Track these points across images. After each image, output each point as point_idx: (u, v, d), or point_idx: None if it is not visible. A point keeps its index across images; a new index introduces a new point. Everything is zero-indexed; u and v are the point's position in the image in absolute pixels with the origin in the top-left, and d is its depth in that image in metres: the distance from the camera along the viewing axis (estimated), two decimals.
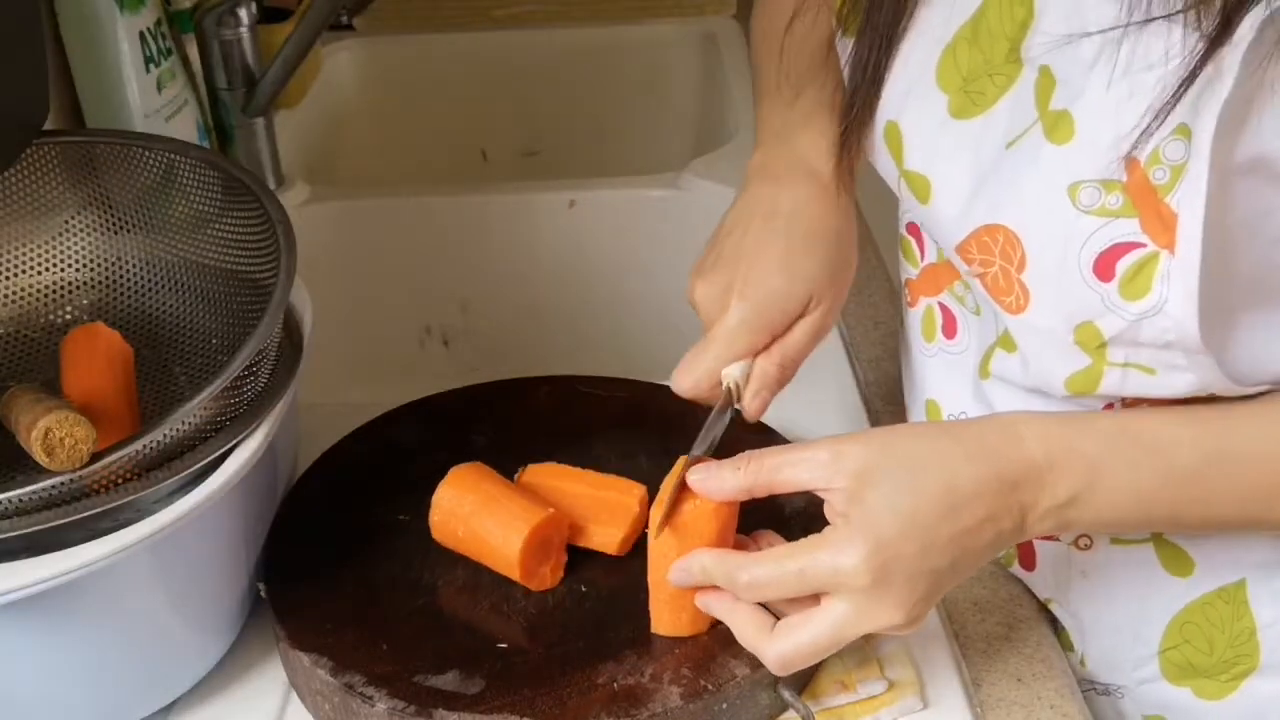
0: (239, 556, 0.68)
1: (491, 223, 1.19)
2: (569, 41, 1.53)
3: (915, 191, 0.66)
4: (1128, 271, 0.56)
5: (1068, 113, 0.57)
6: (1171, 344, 0.56)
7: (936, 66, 0.63)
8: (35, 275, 0.76)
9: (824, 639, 0.57)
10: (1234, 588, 0.68)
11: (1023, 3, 0.59)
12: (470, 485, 0.69)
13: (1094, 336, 0.58)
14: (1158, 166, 0.54)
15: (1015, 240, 0.59)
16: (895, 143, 0.66)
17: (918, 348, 0.75)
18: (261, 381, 0.65)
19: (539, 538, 0.67)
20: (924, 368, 0.75)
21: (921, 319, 0.74)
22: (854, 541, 0.56)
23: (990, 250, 0.61)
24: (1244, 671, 0.70)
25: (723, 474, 0.60)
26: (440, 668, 0.63)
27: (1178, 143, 0.53)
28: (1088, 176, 0.56)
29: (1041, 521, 0.59)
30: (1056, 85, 0.58)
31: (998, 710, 0.66)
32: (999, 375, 0.67)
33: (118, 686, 0.63)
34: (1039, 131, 0.58)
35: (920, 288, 0.74)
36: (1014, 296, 0.61)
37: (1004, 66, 0.60)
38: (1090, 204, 0.56)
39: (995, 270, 0.61)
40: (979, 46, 0.61)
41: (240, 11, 1.05)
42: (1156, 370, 0.58)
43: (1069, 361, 0.60)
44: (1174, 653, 0.71)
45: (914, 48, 0.65)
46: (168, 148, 0.76)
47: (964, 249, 0.63)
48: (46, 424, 0.56)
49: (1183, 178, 0.53)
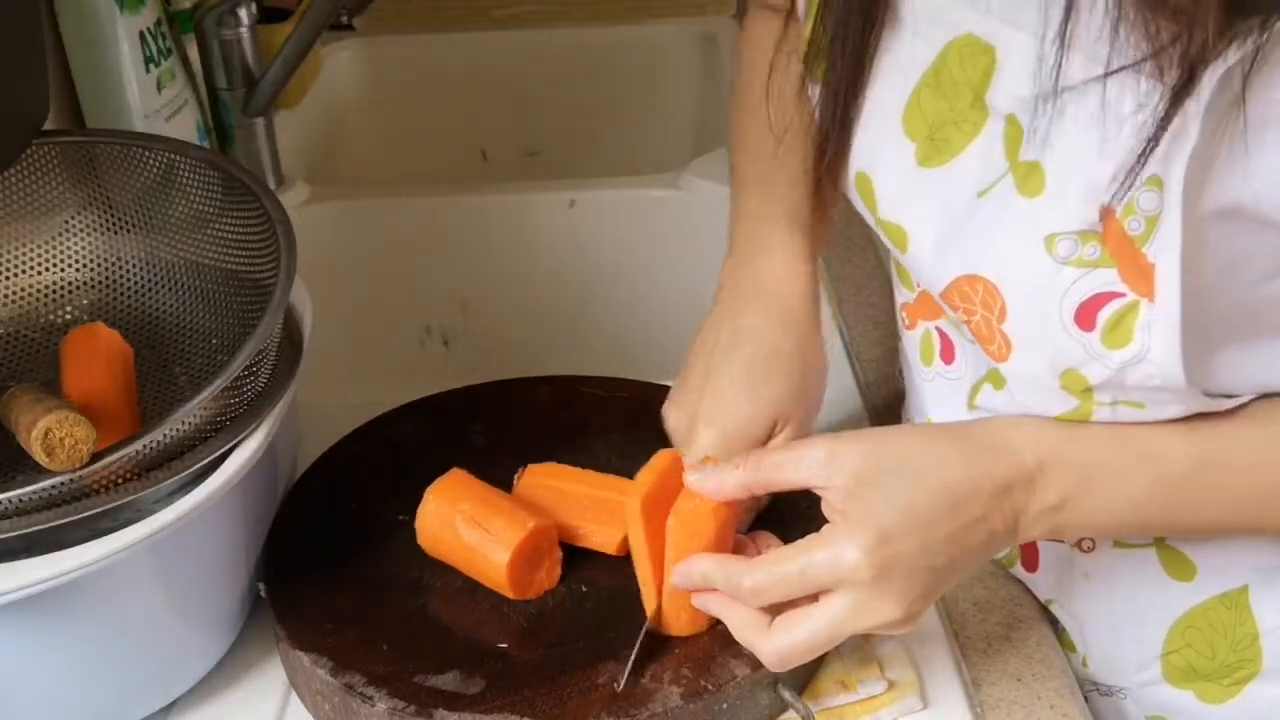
0: (239, 556, 0.68)
1: (491, 223, 1.19)
2: (569, 41, 1.53)
3: (892, 240, 0.65)
4: (1109, 321, 0.55)
5: (1038, 165, 0.57)
6: (1159, 388, 0.56)
7: (902, 115, 0.63)
8: (35, 275, 0.76)
9: (823, 634, 0.57)
10: (1236, 593, 0.68)
11: (984, 51, 0.59)
12: (451, 501, 0.68)
13: (1079, 382, 0.58)
14: (1132, 217, 0.53)
15: (994, 291, 0.59)
16: (867, 193, 0.66)
17: (916, 371, 0.75)
18: (261, 381, 0.65)
19: (525, 553, 0.66)
20: (922, 391, 0.75)
21: (920, 343, 0.74)
22: (855, 537, 0.56)
23: (971, 299, 0.61)
24: (1246, 676, 0.70)
25: (721, 473, 0.61)
26: (440, 668, 0.63)
27: (1151, 193, 0.52)
28: (1062, 229, 0.56)
29: (1033, 525, 0.59)
30: (1024, 135, 0.57)
31: (998, 710, 0.66)
32: (985, 408, 0.67)
33: (118, 686, 0.63)
34: (1010, 183, 0.58)
35: (918, 312, 0.74)
36: (997, 345, 0.61)
37: (969, 113, 0.60)
38: (1068, 255, 0.56)
39: (978, 318, 0.61)
40: (942, 94, 0.61)
41: (240, 11, 1.05)
42: (1146, 405, 0.58)
43: (1057, 403, 0.60)
44: (1176, 656, 0.71)
45: (879, 96, 0.65)
46: (168, 148, 0.76)
47: (947, 296, 0.63)
48: (46, 424, 0.56)
49: (1158, 228, 0.53)
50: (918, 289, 0.73)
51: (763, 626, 0.59)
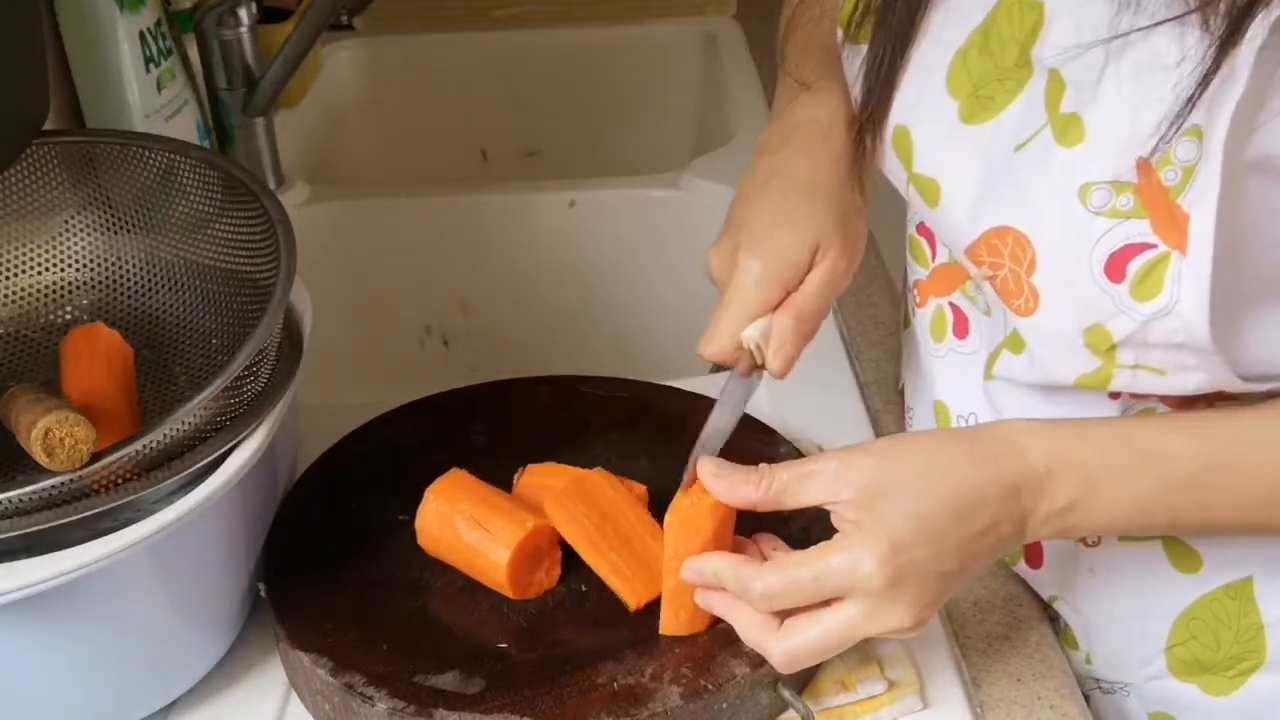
0: (239, 556, 0.68)
1: (491, 223, 1.19)
2: (569, 41, 1.53)
3: (924, 195, 0.66)
4: (1139, 272, 0.56)
5: (1078, 116, 0.57)
6: (1182, 345, 0.56)
7: (947, 72, 0.64)
8: (35, 275, 0.76)
9: (833, 638, 0.58)
10: (1241, 584, 0.68)
11: (1033, 7, 0.59)
12: (451, 501, 0.68)
13: (1104, 339, 0.58)
14: (1169, 167, 0.54)
15: (1025, 242, 0.60)
16: (904, 147, 0.66)
17: (926, 349, 0.75)
18: (261, 381, 0.65)
19: (525, 553, 0.66)
20: (932, 369, 0.75)
21: (931, 319, 0.74)
22: (869, 546, 0.56)
23: (1000, 253, 0.61)
24: (1251, 668, 0.70)
25: (736, 483, 0.61)
26: (440, 668, 0.63)
27: (1189, 143, 0.53)
28: (1098, 178, 0.56)
29: (1041, 527, 0.59)
30: (1067, 89, 0.58)
31: (998, 710, 0.66)
32: (1003, 376, 0.67)
33: (118, 686, 0.63)
34: (1049, 134, 0.59)
35: (930, 288, 0.74)
36: (1024, 299, 0.61)
37: (1014, 71, 0.60)
38: (1101, 205, 0.56)
39: (1005, 273, 0.61)
40: (989, 52, 0.62)
41: (240, 11, 1.05)
42: (1166, 371, 0.58)
43: (1078, 363, 0.60)
44: (1181, 649, 0.71)
45: (924, 53, 0.65)
46: (168, 148, 0.76)
47: (973, 251, 0.63)
48: (46, 424, 0.56)
49: (1194, 178, 0.53)
50: (933, 264, 0.73)
51: (771, 628, 0.59)
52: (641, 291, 1.22)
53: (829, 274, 0.67)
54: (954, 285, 0.72)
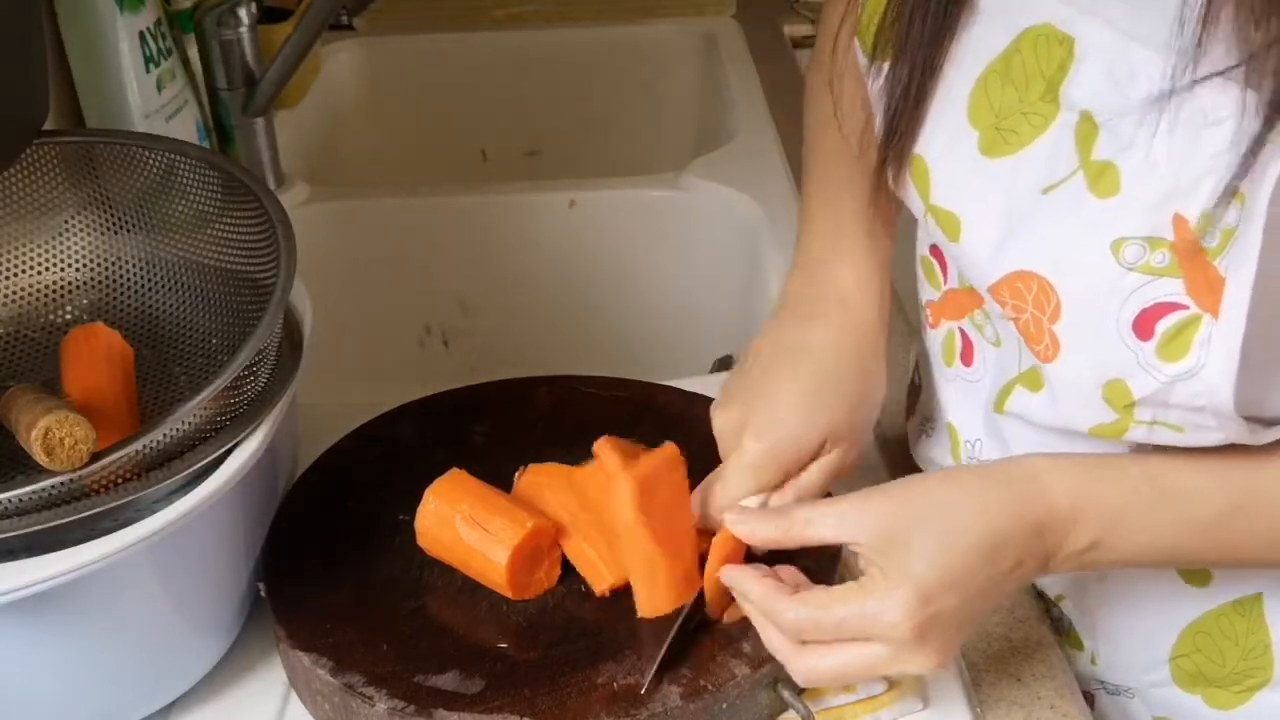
0: (239, 556, 0.68)
1: (491, 223, 1.19)
2: (569, 41, 1.53)
3: (944, 227, 0.65)
4: (1168, 332, 0.54)
5: (1113, 165, 0.56)
6: (1203, 408, 0.55)
7: (968, 101, 0.62)
8: (35, 275, 0.76)
9: (854, 670, 0.58)
10: (1251, 600, 0.68)
11: (1062, 42, 0.58)
12: (451, 501, 0.68)
13: (1123, 395, 0.57)
14: (1209, 229, 0.52)
15: (1050, 289, 0.59)
16: (922, 177, 0.65)
17: (938, 370, 0.75)
18: (261, 381, 0.65)
19: (524, 552, 0.66)
20: (943, 391, 0.75)
21: (943, 342, 0.73)
22: (895, 596, 0.56)
23: (1023, 296, 0.60)
24: (1257, 684, 0.70)
25: (754, 523, 0.62)
26: (440, 668, 0.63)
27: (1231, 207, 0.51)
28: (1133, 233, 0.55)
29: (1063, 564, 0.59)
30: (1099, 133, 0.56)
31: (998, 710, 0.66)
32: (1016, 413, 0.66)
33: (118, 686, 0.63)
34: (1081, 182, 0.57)
35: (942, 310, 0.73)
36: (1044, 345, 0.60)
37: (1039, 106, 0.59)
38: (1135, 261, 0.55)
39: (1027, 316, 0.60)
40: (1012, 82, 0.60)
41: (240, 11, 1.05)
42: (1185, 429, 0.58)
43: (1094, 414, 0.60)
44: (1185, 660, 0.71)
45: (944, 80, 0.64)
46: (168, 148, 0.76)
47: (996, 291, 0.62)
48: (46, 424, 0.56)
49: (1233, 242, 0.52)
50: (944, 287, 0.72)
51: (796, 646, 0.59)
52: (641, 291, 1.22)
53: (833, 465, 0.68)
54: (964, 311, 0.71)
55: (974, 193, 0.62)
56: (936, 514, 0.58)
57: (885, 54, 0.66)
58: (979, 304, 0.69)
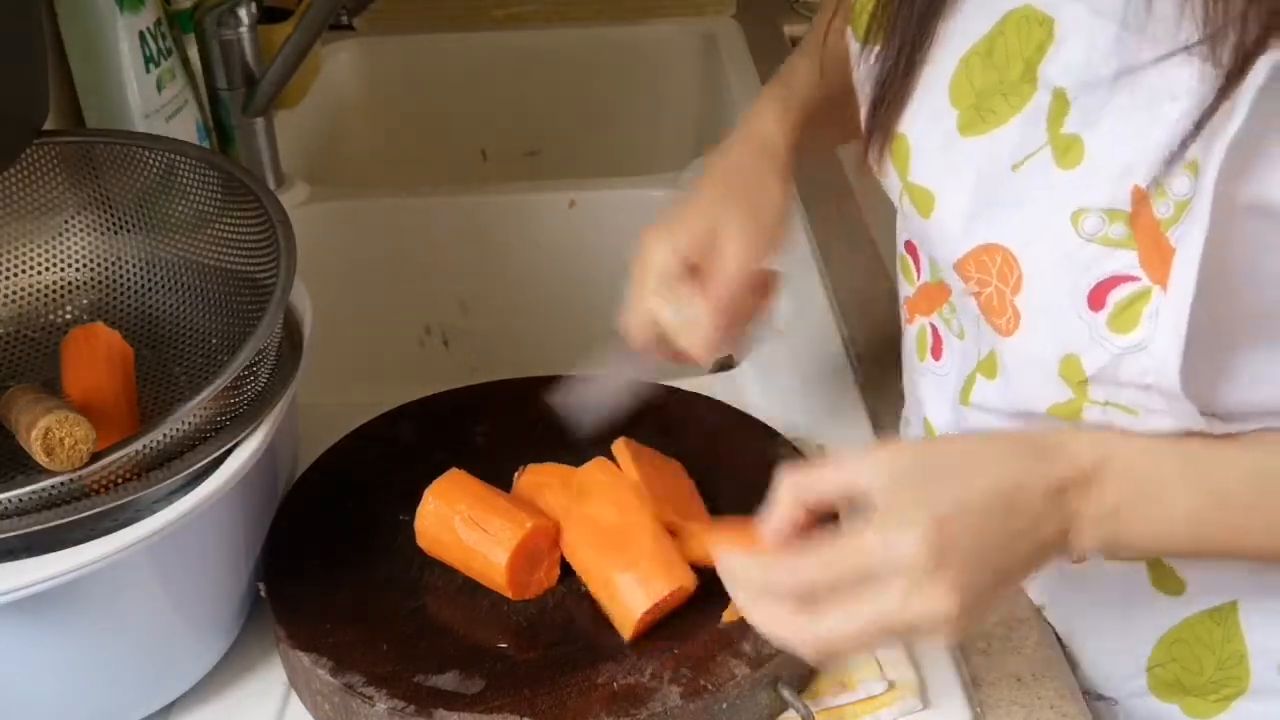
0: (239, 556, 0.68)
1: (491, 223, 1.19)
2: (569, 41, 1.53)
3: (917, 205, 0.65)
4: (1120, 304, 0.55)
5: (1079, 138, 0.56)
6: (1150, 386, 0.55)
7: (950, 82, 0.63)
8: (35, 275, 0.76)
9: (872, 619, 0.52)
10: (1226, 609, 0.68)
11: (1041, 23, 0.59)
12: (450, 501, 0.68)
13: (1077, 370, 0.57)
14: (1162, 200, 0.53)
15: (1013, 262, 0.59)
16: (902, 156, 0.66)
17: (913, 364, 0.75)
18: (261, 381, 0.65)
19: (523, 553, 0.66)
20: (918, 385, 0.75)
21: (916, 337, 0.74)
22: (908, 520, 0.52)
23: (988, 270, 0.61)
24: (1233, 694, 0.70)
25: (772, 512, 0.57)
26: (440, 667, 0.63)
27: (1185, 178, 0.52)
28: (1093, 204, 0.55)
29: (1085, 534, 0.56)
30: (1070, 110, 0.57)
31: (998, 710, 0.66)
32: (978, 403, 0.67)
33: (118, 686, 0.63)
34: (1048, 155, 0.58)
35: (916, 306, 0.74)
36: (1006, 318, 0.60)
37: (1018, 86, 0.60)
38: (1093, 232, 0.55)
39: (991, 290, 0.61)
40: (993, 64, 0.61)
41: (240, 11, 1.05)
42: (1138, 412, 0.58)
43: (1051, 392, 0.60)
44: (1162, 670, 0.71)
45: (931, 61, 0.64)
46: (168, 148, 0.76)
47: (962, 266, 0.62)
48: (46, 424, 0.56)
49: (1186, 213, 0.52)
50: (918, 282, 0.73)
51: (800, 618, 0.53)
52: None
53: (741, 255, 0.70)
54: (935, 306, 0.71)
55: (949, 170, 0.63)
56: (955, 460, 0.56)
57: (876, 38, 0.67)
58: (946, 297, 0.70)
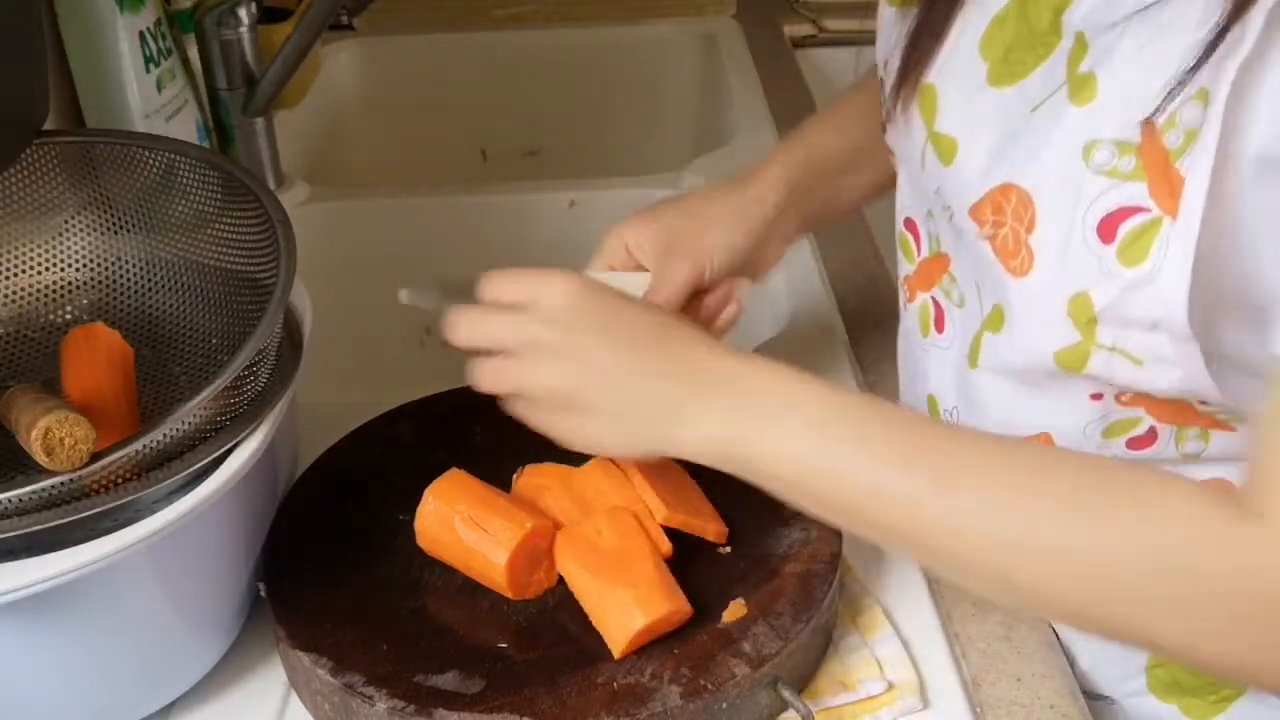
0: (239, 556, 0.68)
1: (491, 223, 1.19)
2: (569, 41, 1.53)
3: (940, 153, 0.66)
4: (1129, 235, 0.55)
5: (1093, 74, 0.57)
6: (1158, 323, 0.56)
7: (982, 35, 0.64)
8: (35, 275, 0.76)
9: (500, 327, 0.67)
10: None
11: None
12: (450, 501, 0.68)
13: (1086, 308, 0.58)
14: (1173, 130, 0.53)
15: (1028, 200, 0.60)
16: (929, 105, 0.67)
17: (916, 342, 0.76)
18: (261, 381, 0.65)
19: (523, 553, 0.66)
20: (922, 362, 0.75)
21: (918, 313, 0.75)
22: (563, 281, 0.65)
23: (1003, 210, 0.61)
24: (1233, 694, 0.70)
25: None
26: (440, 667, 0.63)
27: (1194, 107, 0.52)
28: (1104, 136, 0.56)
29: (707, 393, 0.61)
30: (1090, 50, 0.58)
31: (998, 710, 0.66)
32: (987, 363, 0.67)
33: (118, 686, 0.63)
34: (1064, 94, 0.59)
35: (918, 283, 0.75)
36: (1020, 259, 0.61)
37: (1045, 37, 0.61)
38: (1103, 165, 0.56)
39: (1006, 231, 0.61)
40: (1025, 18, 0.62)
41: (240, 11, 1.05)
42: (1143, 361, 0.58)
43: (1059, 335, 0.60)
44: (1161, 670, 0.71)
45: (964, 15, 0.66)
46: (168, 148, 0.76)
47: (978, 210, 0.63)
48: (46, 424, 0.56)
49: (1195, 142, 0.53)
50: (919, 258, 0.74)
51: None
52: None
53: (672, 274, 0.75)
54: (935, 279, 0.72)
55: (974, 119, 0.64)
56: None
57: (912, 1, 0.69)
58: (946, 267, 0.70)
